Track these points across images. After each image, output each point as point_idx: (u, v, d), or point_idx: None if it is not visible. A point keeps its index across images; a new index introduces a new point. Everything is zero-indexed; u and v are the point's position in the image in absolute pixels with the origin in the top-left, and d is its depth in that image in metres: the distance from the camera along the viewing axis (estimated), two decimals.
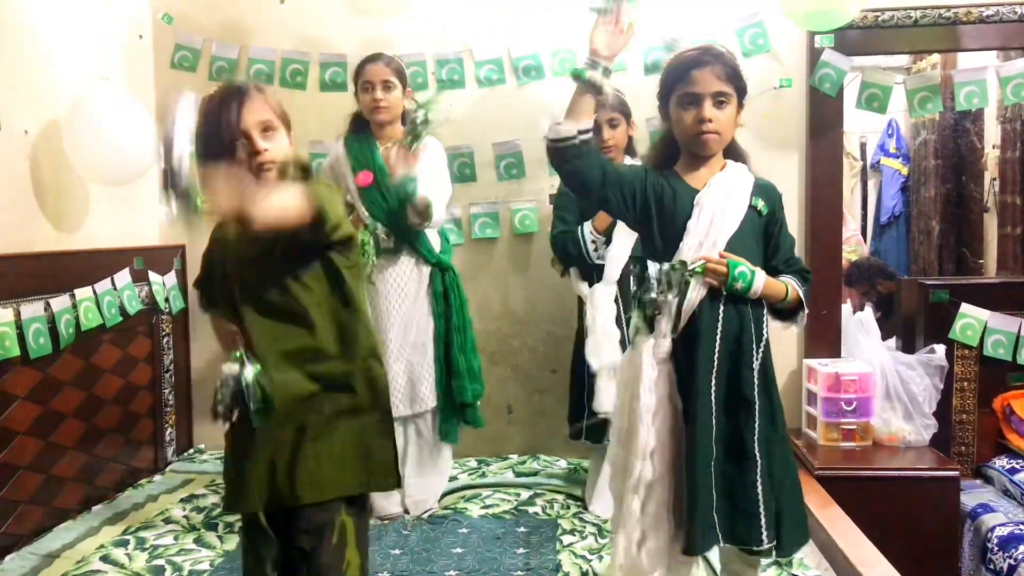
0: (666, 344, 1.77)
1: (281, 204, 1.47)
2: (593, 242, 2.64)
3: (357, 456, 1.68)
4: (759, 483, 1.73)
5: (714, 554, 2.10)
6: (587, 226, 2.65)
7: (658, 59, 3.16)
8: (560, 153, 1.74)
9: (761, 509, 1.73)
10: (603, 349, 2.57)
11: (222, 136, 1.59)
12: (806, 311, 1.88)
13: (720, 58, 1.77)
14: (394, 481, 1.75)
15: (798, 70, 3.25)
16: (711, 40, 1.88)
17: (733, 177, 1.83)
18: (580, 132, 1.72)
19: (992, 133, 4.65)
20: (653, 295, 1.77)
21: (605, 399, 2.48)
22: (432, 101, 2.71)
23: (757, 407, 1.76)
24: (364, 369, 1.69)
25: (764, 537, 1.73)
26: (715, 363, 1.75)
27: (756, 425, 1.75)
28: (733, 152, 1.88)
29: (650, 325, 1.77)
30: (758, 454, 1.74)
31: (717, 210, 1.77)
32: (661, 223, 1.81)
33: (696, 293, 1.74)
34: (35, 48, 2.75)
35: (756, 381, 1.77)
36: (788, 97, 3.26)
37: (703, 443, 1.73)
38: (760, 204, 1.83)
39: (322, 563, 1.63)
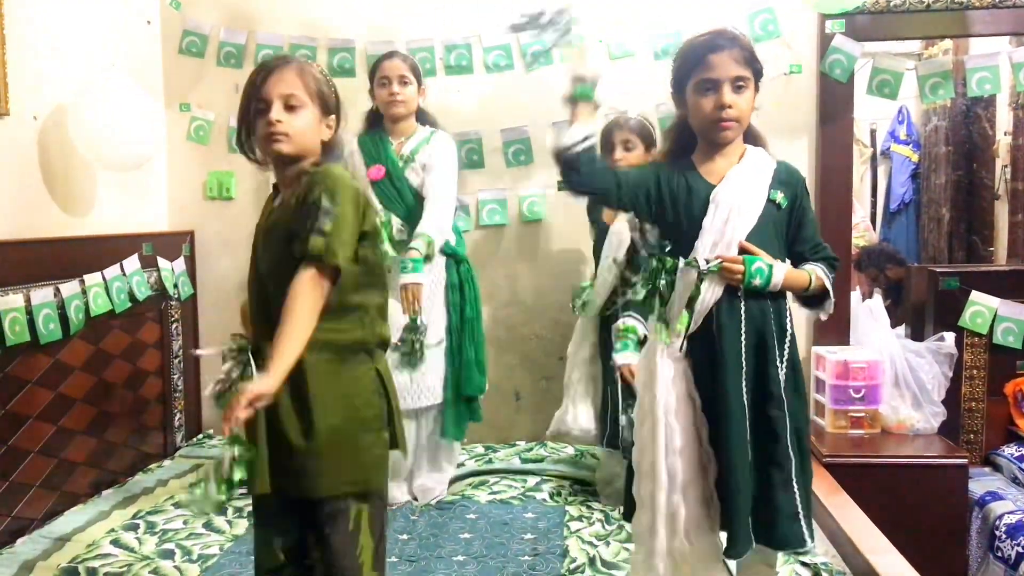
0: (679, 342, 1.72)
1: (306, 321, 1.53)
2: None
3: (365, 450, 1.67)
4: (795, 482, 1.69)
5: None
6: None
7: (667, 45, 3.14)
8: (570, 161, 1.66)
9: (799, 508, 1.69)
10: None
11: (247, 102, 1.65)
12: (832, 299, 1.79)
13: (736, 41, 1.70)
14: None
15: (809, 56, 3.22)
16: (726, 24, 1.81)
17: (752, 168, 1.74)
18: (586, 137, 1.66)
19: (1004, 120, 4.62)
20: (631, 295, 1.75)
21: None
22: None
23: (787, 404, 1.70)
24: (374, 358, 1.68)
25: (807, 537, 1.69)
26: (743, 361, 1.69)
27: (788, 423, 1.70)
28: (751, 136, 1.80)
29: (665, 323, 1.73)
30: (791, 452, 1.69)
31: (733, 207, 1.69)
32: (676, 221, 1.73)
33: (711, 293, 1.68)
34: (44, 34, 2.75)
35: (784, 377, 1.71)
36: (798, 83, 3.24)
37: (738, 445, 1.68)
38: (779, 197, 1.73)
39: (336, 547, 1.65)
